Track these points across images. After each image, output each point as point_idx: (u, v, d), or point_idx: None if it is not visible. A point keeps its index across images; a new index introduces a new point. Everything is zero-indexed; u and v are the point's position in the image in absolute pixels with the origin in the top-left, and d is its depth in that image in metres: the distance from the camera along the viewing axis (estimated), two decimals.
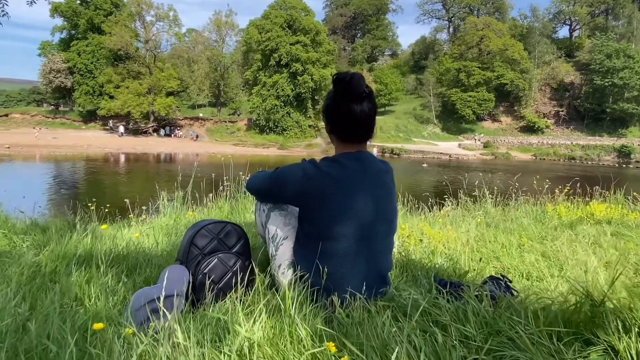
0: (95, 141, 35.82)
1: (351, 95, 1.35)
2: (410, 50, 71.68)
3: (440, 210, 4.00)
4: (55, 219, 2.57)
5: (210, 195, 3.74)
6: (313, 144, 41.96)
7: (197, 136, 43.54)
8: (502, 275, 1.46)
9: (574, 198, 4.92)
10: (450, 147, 43.10)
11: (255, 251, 2.09)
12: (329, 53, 44.35)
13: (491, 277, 1.47)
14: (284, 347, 1.05)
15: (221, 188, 3.76)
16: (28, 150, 30.04)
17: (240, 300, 1.38)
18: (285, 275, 1.43)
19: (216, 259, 1.39)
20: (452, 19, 66.94)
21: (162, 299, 1.14)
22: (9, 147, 30.13)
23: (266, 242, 1.53)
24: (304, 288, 1.32)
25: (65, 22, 45.66)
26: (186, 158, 31.80)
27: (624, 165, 36.01)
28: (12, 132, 40.51)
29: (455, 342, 1.01)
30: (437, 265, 1.83)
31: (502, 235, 2.70)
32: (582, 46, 56.23)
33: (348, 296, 1.31)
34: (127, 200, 3.34)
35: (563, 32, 64.63)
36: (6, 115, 46.38)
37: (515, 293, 1.44)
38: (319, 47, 43.06)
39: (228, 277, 1.40)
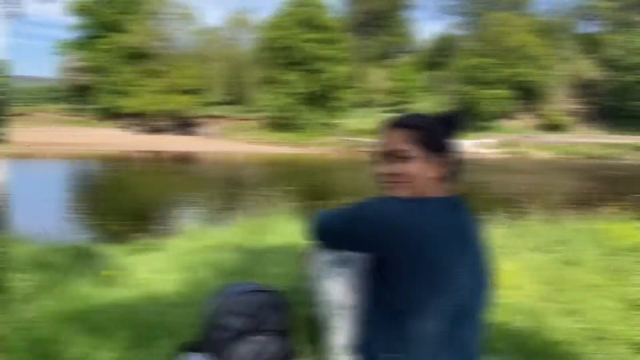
0: (113, 139, 36.12)
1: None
2: (427, 47, 70.55)
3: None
4: (59, 249, 2.29)
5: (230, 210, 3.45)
6: (327, 142, 41.54)
7: (212, 134, 43.66)
8: None
9: (619, 208, 4.53)
10: (466, 145, 42.21)
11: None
12: (344, 50, 43.85)
13: None
14: None
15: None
16: (48, 149, 30.38)
17: None
18: None
19: (248, 344, 1.06)
20: (470, 14, 65.65)
21: None
22: (29, 145, 30.56)
23: (319, 303, 1.19)
24: None
25: (82, 21, 46.14)
26: (203, 157, 31.78)
27: None
28: (32, 130, 41.16)
29: None
30: (518, 329, 1.48)
31: (567, 268, 2.34)
32: (605, 42, 54.46)
33: None
34: (138, 222, 3.06)
35: (585, 28, 62.73)
36: (26, 113, 47.16)
37: None
38: (334, 44, 42.61)
39: None
